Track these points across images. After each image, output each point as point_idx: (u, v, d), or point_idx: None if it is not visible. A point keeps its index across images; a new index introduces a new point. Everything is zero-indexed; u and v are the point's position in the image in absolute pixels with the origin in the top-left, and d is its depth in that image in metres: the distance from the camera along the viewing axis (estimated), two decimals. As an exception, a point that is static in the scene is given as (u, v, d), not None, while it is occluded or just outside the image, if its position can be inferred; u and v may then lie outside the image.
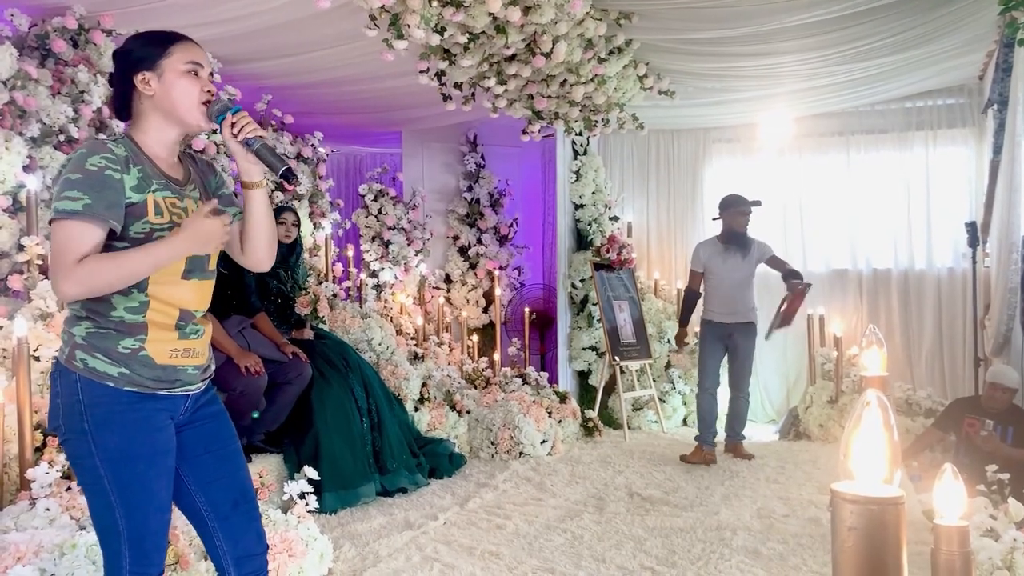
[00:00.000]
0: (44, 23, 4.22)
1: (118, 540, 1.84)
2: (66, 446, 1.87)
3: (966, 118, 7.03)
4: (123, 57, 1.95)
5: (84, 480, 1.86)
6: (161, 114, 1.94)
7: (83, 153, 1.81)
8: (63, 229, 1.77)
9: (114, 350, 1.84)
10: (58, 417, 1.87)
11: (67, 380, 1.84)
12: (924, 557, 1.53)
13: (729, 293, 5.63)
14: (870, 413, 0.90)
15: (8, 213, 3.74)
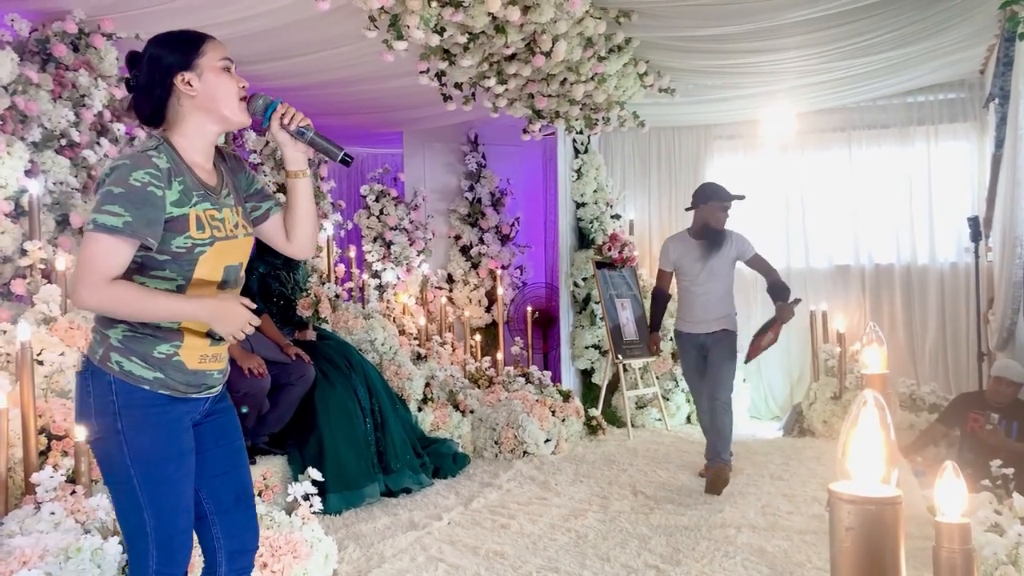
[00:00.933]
0: (45, 28, 4.24)
1: (145, 540, 1.86)
2: (96, 445, 1.89)
3: (968, 112, 7.01)
4: (156, 61, 1.92)
5: (113, 480, 1.88)
6: (203, 114, 1.93)
7: (127, 165, 1.80)
8: (98, 242, 1.77)
9: (150, 355, 1.86)
10: (90, 415, 1.87)
11: (100, 381, 1.86)
12: (928, 552, 1.53)
13: (701, 299, 4.91)
14: (867, 413, 0.90)
15: (10, 218, 3.75)
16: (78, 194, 4.18)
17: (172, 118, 1.94)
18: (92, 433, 1.88)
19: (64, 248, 3.94)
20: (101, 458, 1.89)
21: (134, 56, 1.97)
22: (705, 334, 4.90)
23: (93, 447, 1.91)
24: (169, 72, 1.90)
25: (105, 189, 1.79)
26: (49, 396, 3.27)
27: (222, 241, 1.92)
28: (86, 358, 1.90)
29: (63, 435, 3.01)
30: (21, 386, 2.83)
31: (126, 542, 1.90)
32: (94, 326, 1.92)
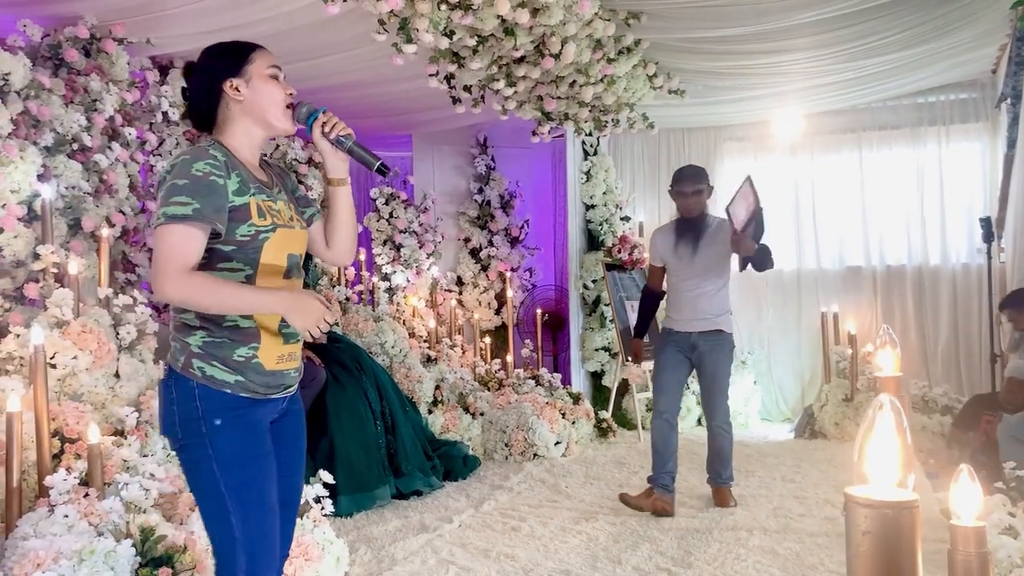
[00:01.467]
0: (56, 33, 4.26)
1: (233, 547, 1.87)
2: (182, 452, 1.91)
3: (979, 113, 6.98)
4: (206, 70, 2.00)
5: (199, 485, 1.90)
6: (250, 119, 1.99)
7: (187, 159, 1.85)
8: (172, 233, 1.80)
9: (230, 358, 1.89)
10: (174, 424, 1.90)
11: (184, 387, 1.88)
12: (942, 556, 1.52)
13: (690, 296, 4.41)
14: (883, 417, 0.89)
15: (23, 222, 3.77)
16: (90, 198, 4.20)
17: (221, 122, 2.00)
18: (176, 440, 1.91)
19: (76, 252, 3.95)
20: (187, 465, 1.91)
21: (189, 66, 2.05)
22: (697, 333, 4.38)
23: (179, 454, 1.93)
24: (219, 78, 1.97)
25: (169, 183, 1.83)
26: (62, 399, 3.29)
27: (283, 228, 1.96)
28: (168, 367, 1.93)
29: (76, 438, 3.02)
30: (35, 389, 2.84)
31: (215, 551, 1.91)
32: (173, 335, 1.94)
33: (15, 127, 3.77)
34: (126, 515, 2.63)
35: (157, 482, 2.84)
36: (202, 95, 2.00)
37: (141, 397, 3.52)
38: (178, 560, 2.53)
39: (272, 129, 2.03)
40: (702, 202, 4.47)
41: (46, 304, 3.49)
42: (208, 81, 1.98)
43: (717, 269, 4.42)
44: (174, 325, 1.94)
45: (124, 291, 4.10)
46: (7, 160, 3.65)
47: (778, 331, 7.57)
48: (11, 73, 3.75)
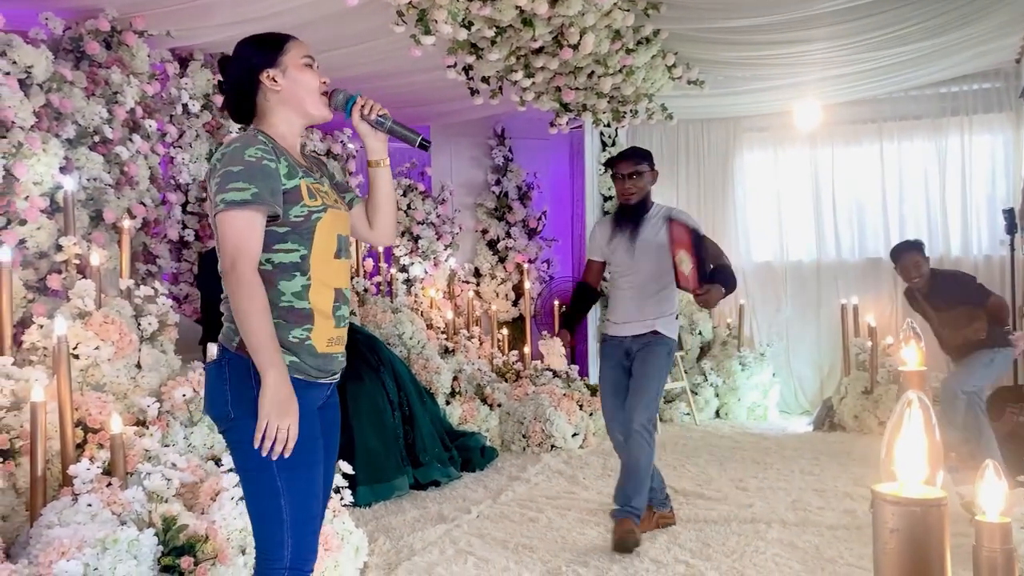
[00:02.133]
0: (78, 26, 4.29)
1: (281, 529, 1.87)
2: (232, 432, 1.91)
3: (1003, 103, 6.88)
4: (242, 62, 2.02)
5: (249, 466, 1.88)
6: (288, 108, 2.02)
7: (238, 147, 1.88)
8: (234, 219, 1.83)
9: (286, 339, 1.90)
10: (225, 404, 1.90)
11: (239, 367, 1.88)
12: (964, 550, 1.51)
13: (627, 294, 3.85)
14: (911, 414, 0.89)
15: (46, 214, 3.81)
16: (111, 190, 4.23)
17: (261, 113, 2.03)
18: (227, 421, 1.90)
19: (98, 243, 3.99)
20: (237, 445, 1.91)
21: (225, 59, 2.09)
22: (632, 337, 3.80)
23: (229, 434, 1.92)
24: (256, 70, 2.00)
25: (223, 171, 1.85)
26: (85, 389, 3.32)
27: (332, 209, 1.99)
28: (221, 347, 1.93)
29: (99, 428, 3.05)
30: (58, 380, 2.87)
31: (259, 532, 1.90)
32: (225, 315, 1.95)
33: (38, 120, 3.80)
34: (148, 504, 2.66)
35: (179, 472, 2.87)
36: (240, 87, 2.02)
37: (162, 387, 3.55)
38: (200, 549, 2.56)
39: (310, 117, 2.06)
40: (643, 187, 3.87)
41: (68, 295, 3.52)
42: (245, 73, 2.01)
43: (660, 265, 3.76)
44: (227, 306, 1.94)
45: (145, 282, 4.14)
46: (30, 152, 3.68)
47: (797, 323, 7.53)
48: (34, 66, 3.78)
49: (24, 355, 3.33)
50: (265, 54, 2.01)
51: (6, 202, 3.65)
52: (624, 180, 3.86)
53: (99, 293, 3.56)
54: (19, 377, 3.09)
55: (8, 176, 3.63)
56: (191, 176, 4.94)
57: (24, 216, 3.70)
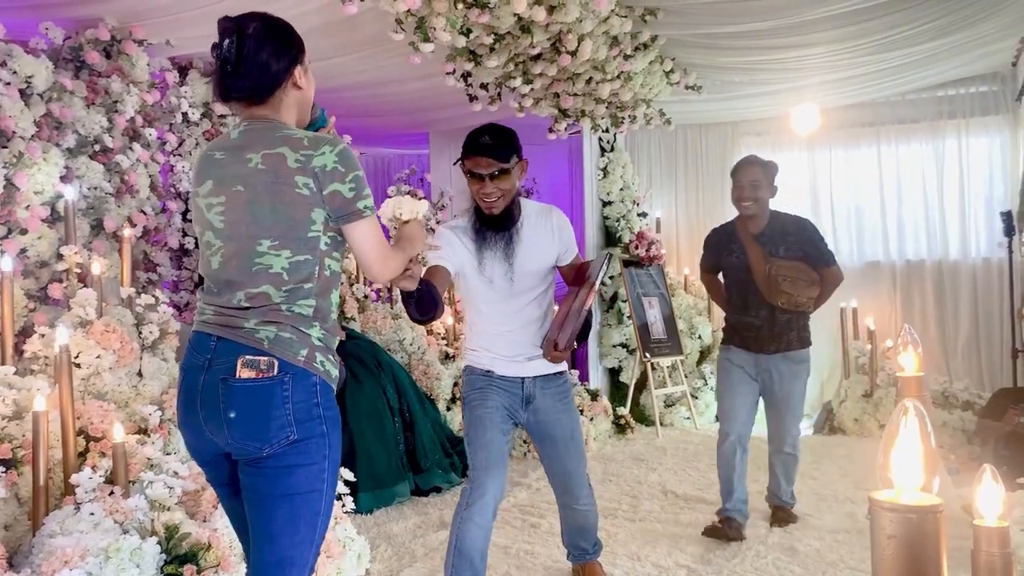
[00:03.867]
0: (78, 35, 4.30)
1: (310, 550, 1.81)
2: (293, 453, 1.76)
3: (1000, 106, 6.91)
4: (289, 46, 1.93)
5: (305, 488, 1.78)
6: (297, 107, 1.99)
7: (349, 150, 1.87)
8: (376, 222, 1.89)
9: (335, 353, 1.89)
10: (288, 424, 1.75)
11: (305, 383, 1.77)
12: (965, 553, 1.52)
13: (496, 320, 2.90)
14: (907, 423, 0.90)
15: (47, 223, 3.82)
16: (112, 199, 4.25)
17: (275, 104, 1.93)
18: (282, 443, 1.75)
19: (99, 252, 4.00)
20: (294, 467, 1.77)
21: (237, 27, 1.86)
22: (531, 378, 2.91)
23: (283, 458, 1.76)
24: (292, 62, 1.93)
25: (354, 175, 1.84)
26: (87, 398, 3.33)
27: None
28: (281, 361, 1.76)
29: (101, 437, 3.06)
30: (60, 388, 2.88)
31: (284, 558, 1.78)
32: (280, 324, 1.78)
33: (38, 129, 3.82)
34: (151, 513, 2.67)
35: (181, 480, 2.87)
36: (273, 74, 1.89)
37: (164, 395, 3.56)
38: (202, 557, 2.56)
39: (302, 121, 2.03)
40: (510, 187, 2.88)
41: (70, 304, 3.54)
42: (282, 61, 1.90)
43: (529, 278, 2.89)
44: (282, 315, 1.79)
45: (146, 290, 4.14)
46: (31, 162, 3.69)
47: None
48: (34, 76, 3.80)
49: (26, 364, 3.33)
50: (299, 49, 1.96)
51: (7, 212, 3.67)
52: (486, 183, 2.89)
53: (100, 302, 3.57)
54: (21, 386, 3.10)
55: (9, 186, 3.64)
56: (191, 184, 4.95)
57: (25, 225, 3.71)
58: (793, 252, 3.83)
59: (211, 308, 1.88)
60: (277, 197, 1.81)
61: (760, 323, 3.84)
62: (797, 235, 3.89)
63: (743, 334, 3.89)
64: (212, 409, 1.80)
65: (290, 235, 1.81)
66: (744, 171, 3.96)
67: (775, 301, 3.75)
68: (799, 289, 3.76)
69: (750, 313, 3.85)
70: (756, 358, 3.87)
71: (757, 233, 3.88)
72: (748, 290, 3.86)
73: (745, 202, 3.88)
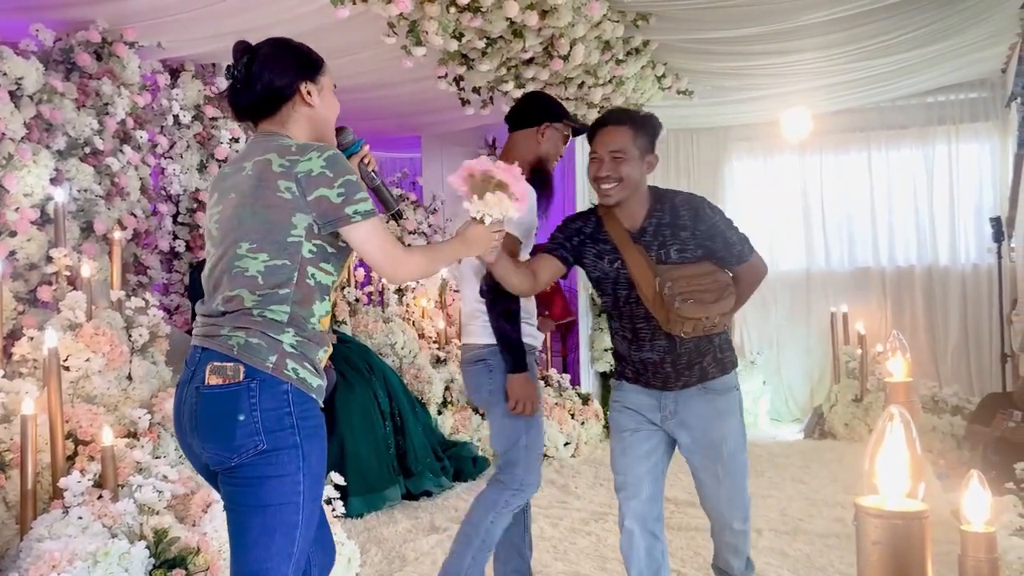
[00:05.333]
0: (68, 37, 4.29)
1: (287, 563, 1.76)
2: (263, 464, 1.73)
3: (989, 112, 6.96)
4: (285, 62, 1.96)
5: (277, 500, 1.74)
6: (310, 126, 1.98)
7: (338, 155, 1.86)
8: (376, 227, 1.87)
9: (316, 360, 1.85)
10: (256, 432, 1.72)
11: (274, 390, 1.74)
12: (952, 558, 1.52)
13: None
14: (893, 429, 0.90)
15: (36, 225, 3.80)
16: (102, 201, 4.23)
17: (282, 120, 1.96)
18: (250, 452, 1.72)
19: (89, 255, 3.98)
20: (264, 479, 1.74)
21: (248, 48, 1.98)
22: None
23: (251, 468, 1.74)
24: (298, 77, 1.95)
25: (343, 179, 1.82)
26: (75, 401, 3.31)
27: None
28: (248, 367, 1.74)
29: (90, 440, 3.05)
30: (48, 392, 2.86)
31: (264, 566, 1.74)
32: (249, 330, 1.76)
33: (28, 131, 3.80)
34: (140, 517, 2.65)
35: (170, 484, 2.86)
36: (276, 89, 1.93)
37: (153, 399, 3.55)
38: (191, 562, 2.55)
39: (321, 141, 2.00)
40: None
41: (59, 307, 3.52)
42: (287, 77, 1.94)
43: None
44: (253, 320, 1.77)
45: (136, 293, 4.13)
46: (20, 164, 3.68)
47: (787, 331, 7.57)
48: (24, 78, 3.78)
49: (14, 367, 3.32)
50: (309, 67, 1.99)
51: (-4, 214, 3.65)
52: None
53: (90, 305, 3.56)
54: (9, 390, 3.09)
55: (-2, 188, 3.63)
56: (182, 187, 4.93)
57: (14, 228, 3.69)
58: (691, 252, 2.56)
59: (200, 319, 1.88)
60: (258, 200, 1.82)
61: (659, 357, 2.59)
62: (693, 225, 2.59)
63: (636, 368, 2.67)
64: (192, 420, 1.80)
65: (268, 238, 1.80)
66: (601, 136, 2.58)
67: (675, 331, 2.49)
68: (706, 309, 2.48)
69: (642, 347, 2.59)
70: (660, 397, 2.68)
71: (634, 230, 2.57)
72: (635, 314, 2.58)
73: (605, 183, 2.54)
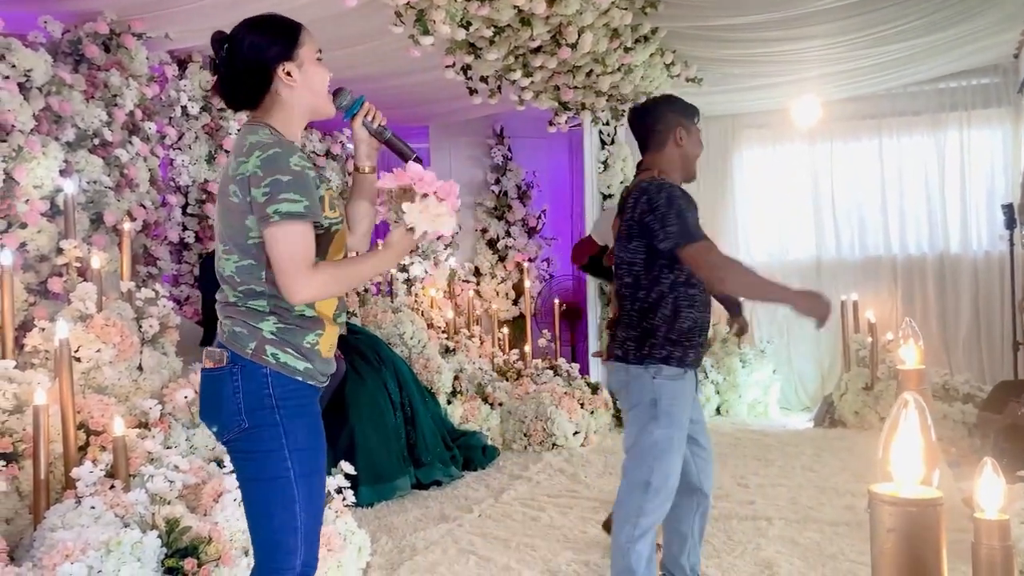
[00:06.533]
0: (77, 29, 4.29)
1: (295, 537, 1.84)
2: (245, 441, 1.85)
3: (1001, 98, 6.89)
4: (257, 49, 1.88)
5: (268, 475, 1.84)
6: (297, 103, 1.92)
7: (280, 153, 1.79)
8: (291, 233, 1.77)
9: (301, 345, 1.88)
10: (238, 412, 1.83)
11: (254, 374, 1.83)
12: (965, 546, 1.52)
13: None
14: (907, 415, 0.89)
15: (46, 217, 3.81)
16: (111, 192, 4.24)
17: (268, 105, 1.91)
18: (237, 429, 1.84)
19: (99, 246, 4.00)
20: (251, 453, 1.86)
21: (224, 38, 1.92)
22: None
23: (239, 443, 1.86)
24: (272, 61, 1.88)
25: (271, 179, 1.76)
26: (87, 392, 3.33)
27: (344, 222, 1.98)
28: (232, 354, 1.84)
29: (101, 430, 3.06)
30: (60, 382, 2.88)
31: (269, 542, 1.85)
32: (235, 319, 1.86)
33: (37, 123, 3.81)
34: (151, 506, 2.67)
35: (181, 474, 2.87)
36: (249, 76, 1.89)
37: (164, 389, 3.56)
38: (203, 551, 2.56)
39: (317, 114, 1.98)
40: None
41: (70, 298, 3.53)
42: (259, 63, 1.88)
43: None
44: (238, 311, 1.86)
45: (146, 284, 4.15)
46: (30, 156, 3.68)
47: (797, 320, 7.50)
48: (33, 69, 3.79)
49: (26, 358, 3.33)
50: (282, 46, 1.89)
51: (7, 205, 3.66)
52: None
53: (100, 296, 3.57)
54: (21, 380, 3.10)
55: (8, 180, 3.63)
56: (191, 178, 4.94)
57: (25, 219, 3.70)
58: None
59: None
60: (222, 204, 1.87)
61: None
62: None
63: (700, 344, 2.82)
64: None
65: (234, 240, 1.85)
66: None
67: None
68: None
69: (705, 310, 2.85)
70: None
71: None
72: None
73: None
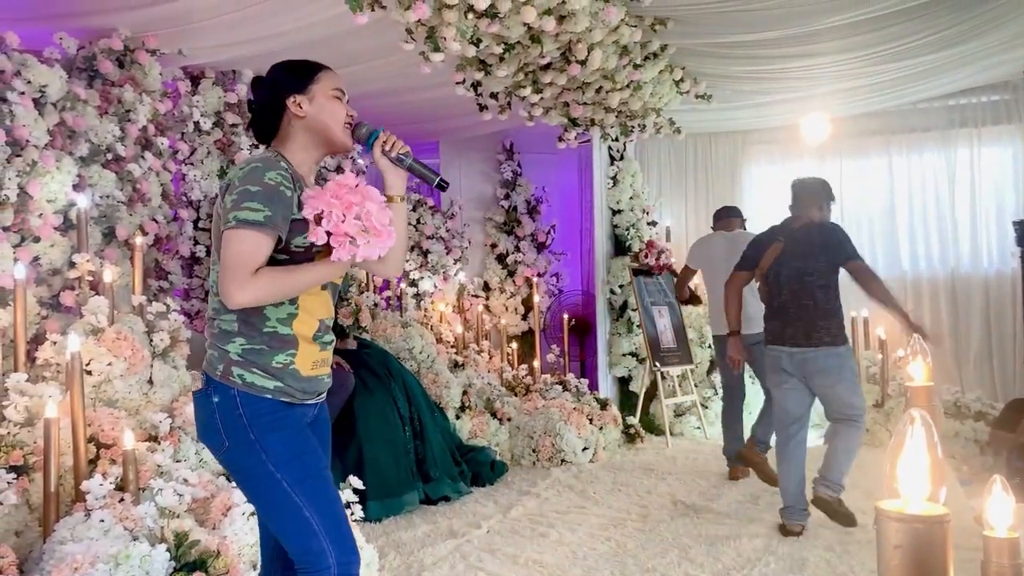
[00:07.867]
0: (91, 45, 4.34)
1: (318, 539, 1.89)
2: (230, 460, 1.96)
3: (1012, 114, 6.89)
4: (273, 84, 2.08)
5: (260, 490, 1.92)
6: (310, 135, 2.06)
7: (259, 167, 1.92)
8: (243, 239, 1.86)
9: (269, 365, 1.94)
10: (218, 432, 1.94)
11: (225, 395, 1.93)
12: (976, 564, 1.51)
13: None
14: (914, 432, 0.89)
15: (59, 231, 3.84)
16: (124, 207, 4.27)
17: (283, 136, 2.07)
18: (221, 447, 1.94)
19: (111, 260, 4.02)
20: (240, 472, 1.96)
21: (257, 80, 2.14)
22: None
23: (227, 462, 1.97)
24: (283, 93, 2.05)
25: (241, 188, 1.89)
26: (97, 405, 3.35)
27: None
28: (206, 376, 1.97)
29: (111, 444, 3.07)
30: (71, 396, 2.90)
31: (298, 547, 1.90)
32: (210, 343, 1.99)
33: (51, 138, 3.84)
34: (160, 520, 2.67)
35: (190, 487, 2.88)
36: (265, 108, 2.07)
37: (174, 403, 3.58)
38: (211, 565, 2.57)
39: (332, 145, 2.09)
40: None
41: (82, 312, 3.55)
42: (272, 96, 2.06)
43: None
44: (211, 332, 1.98)
45: (157, 298, 4.16)
46: (44, 170, 3.72)
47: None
48: (48, 85, 3.83)
49: (38, 371, 3.35)
50: (295, 80, 2.06)
51: (20, 220, 3.69)
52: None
53: (112, 309, 3.59)
54: (33, 393, 3.12)
55: (22, 194, 3.66)
56: (203, 193, 4.97)
57: (38, 233, 3.73)
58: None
59: None
60: (215, 216, 2.00)
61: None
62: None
63: None
64: None
65: (217, 251, 1.95)
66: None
67: None
68: None
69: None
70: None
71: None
72: None
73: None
